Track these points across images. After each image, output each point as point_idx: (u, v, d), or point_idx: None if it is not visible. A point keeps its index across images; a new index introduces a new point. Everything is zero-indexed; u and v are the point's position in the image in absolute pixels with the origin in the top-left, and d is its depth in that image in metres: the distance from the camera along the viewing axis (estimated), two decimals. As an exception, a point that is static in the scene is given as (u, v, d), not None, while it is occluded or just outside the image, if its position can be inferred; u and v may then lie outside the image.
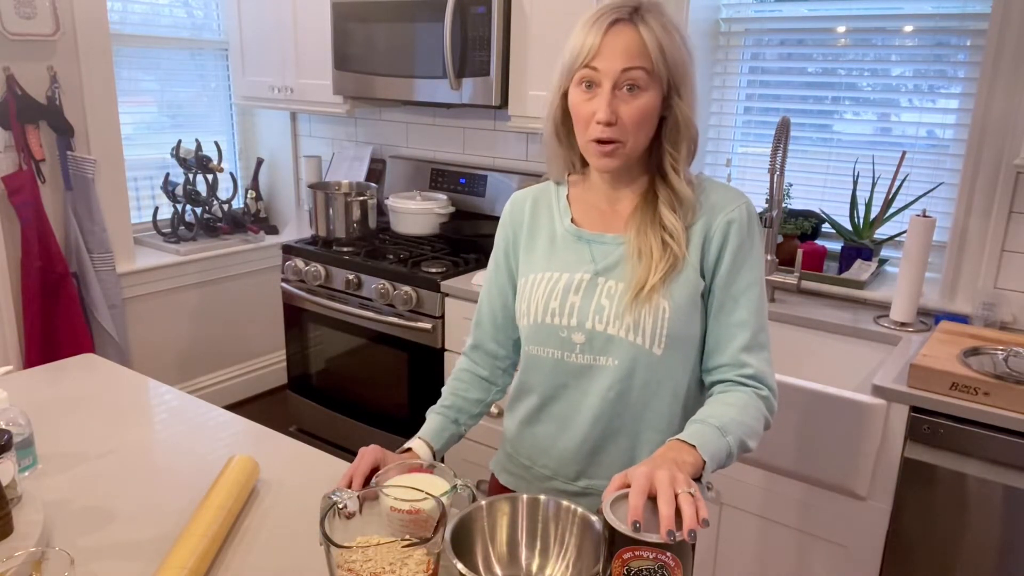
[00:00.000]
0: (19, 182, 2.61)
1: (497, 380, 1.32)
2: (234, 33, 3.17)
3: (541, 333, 1.15)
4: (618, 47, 1.04)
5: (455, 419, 1.27)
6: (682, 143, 1.10)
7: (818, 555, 1.80)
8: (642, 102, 1.05)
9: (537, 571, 0.96)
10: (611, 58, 1.04)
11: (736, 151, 2.51)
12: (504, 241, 1.26)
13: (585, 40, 1.06)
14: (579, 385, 1.15)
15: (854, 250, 2.22)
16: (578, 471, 1.19)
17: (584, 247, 1.16)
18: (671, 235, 1.09)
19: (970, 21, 2.04)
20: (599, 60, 1.05)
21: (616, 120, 1.05)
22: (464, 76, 2.43)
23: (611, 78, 1.04)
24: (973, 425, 1.57)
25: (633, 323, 1.09)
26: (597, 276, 1.13)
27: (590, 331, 1.12)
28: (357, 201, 2.79)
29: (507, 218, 1.26)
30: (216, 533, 1.03)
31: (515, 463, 1.27)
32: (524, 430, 1.24)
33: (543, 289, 1.15)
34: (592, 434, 1.16)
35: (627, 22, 1.05)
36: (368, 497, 0.95)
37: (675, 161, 1.11)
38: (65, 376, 1.64)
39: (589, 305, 1.12)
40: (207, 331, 3.36)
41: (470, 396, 1.30)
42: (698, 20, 2.34)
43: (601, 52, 1.04)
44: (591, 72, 1.06)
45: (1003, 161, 1.90)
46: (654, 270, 1.08)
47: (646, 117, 1.06)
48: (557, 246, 1.18)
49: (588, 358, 1.13)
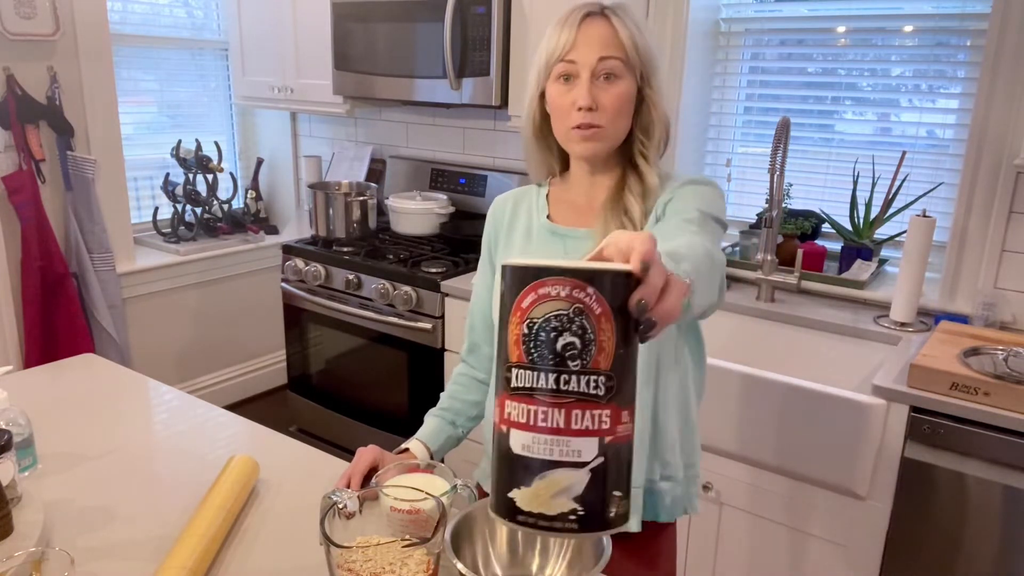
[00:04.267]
0: (19, 182, 2.61)
1: None
2: (234, 33, 3.17)
3: None
4: (593, 38, 1.08)
5: (452, 421, 1.28)
6: (654, 131, 1.13)
7: (818, 555, 1.80)
8: (620, 89, 1.08)
9: (537, 571, 0.96)
10: (587, 49, 1.07)
11: (736, 151, 2.51)
12: (488, 242, 1.28)
13: (560, 37, 1.09)
14: None
15: (854, 250, 2.22)
16: None
17: (558, 242, 1.18)
18: (631, 220, 1.11)
19: (970, 21, 2.04)
20: (575, 52, 1.08)
21: (596, 106, 1.08)
22: (464, 76, 2.43)
23: (589, 67, 1.07)
24: (973, 425, 1.57)
25: None
26: None
27: None
28: (357, 201, 2.79)
29: (490, 219, 1.29)
30: (216, 533, 1.03)
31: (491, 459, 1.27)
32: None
33: None
34: None
35: (599, 15, 1.09)
36: (368, 497, 0.95)
37: (645, 148, 1.14)
38: (65, 376, 1.64)
39: None
40: (207, 331, 3.36)
41: (468, 398, 1.30)
42: (698, 20, 2.34)
43: (576, 45, 1.08)
44: (568, 65, 1.09)
45: (1003, 161, 1.90)
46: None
47: (624, 103, 1.09)
48: (532, 241, 1.20)
49: None
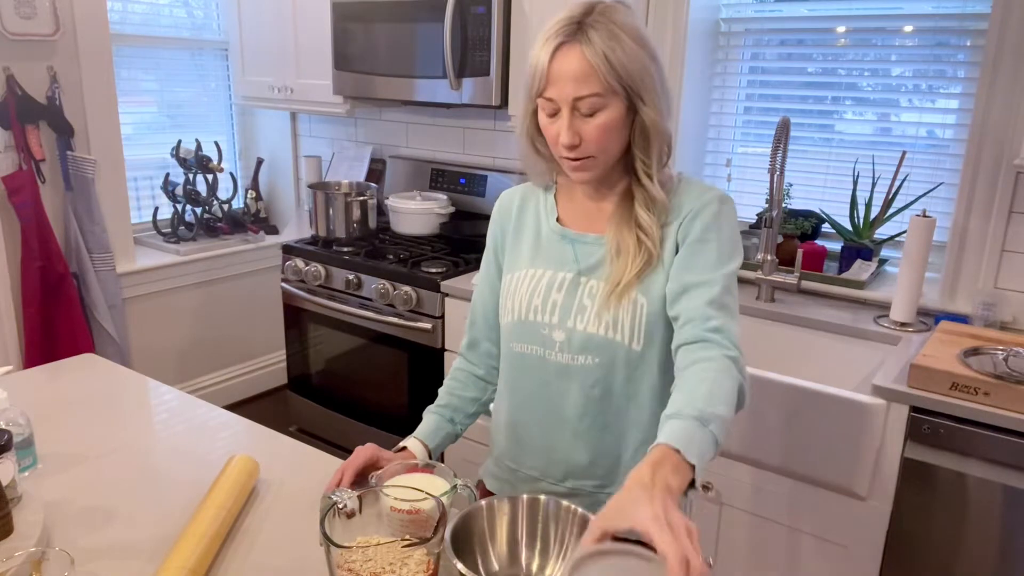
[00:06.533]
0: (19, 182, 2.61)
1: (493, 379, 1.31)
2: (234, 33, 3.17)
3: (524, 330, 1.16)
4: (565, 75, 1.03)
5: (451, 418, 1.27)
6: (652, 148, 1.09)
7: (818, 555, 1.80)
8: (602, 120, 1.05)
9: (537, 571, 0.96)
10: (561, 87, 1.04)
11: (736, 151, 2.51)
12: (493, 239, 1.27)
13: (537, 65, 1.05)
14: (560, 384, 1.15)
15: (854, 250, 2.22)
16: (565, 472, 1.18)
17: (568, 246, 1.17)
18: (646, 233, 1.10)
19: (970, 21, 2.04)
20: (551, 89, 1.05)
21: (579, 141, 1.06)
22: (464, 76, 2.43)
23: (567, 105, 1.04)
24: (973, 425, 1.57)
25: (612, 320, 1.10)
26: (580, 275, 1.14)
27: (570, 329, 1.12)
28: (357, 201, 2.79)
29: (496, 216, 1.27)
30: (216, 533, 1.03)
31: (501, 467, 1.27)
32: (509, 431, 1.24)
33: (527, 286, 1.16)
34: (577, 433, 1.16)
35: (571, 43, 1.03)
36: (367, 496, 0.95)
37: (646, 167, 1.10)
38: (65, 376, 1.64)
39: (571, 304, 1.13)
40: (207, 331, 3.36)
41: (466, 395, 1.30)
42: (698, 20, 2.34)
43: (551, 81, 1.04)
44: (547, 102, 1.06)
45: (1003, 161, 1.90)
46: (630, 266, 1.09)
47: (609, 132, 1.06)
48: (542, 244, 1.19)
49: (567, 357, 1.13)
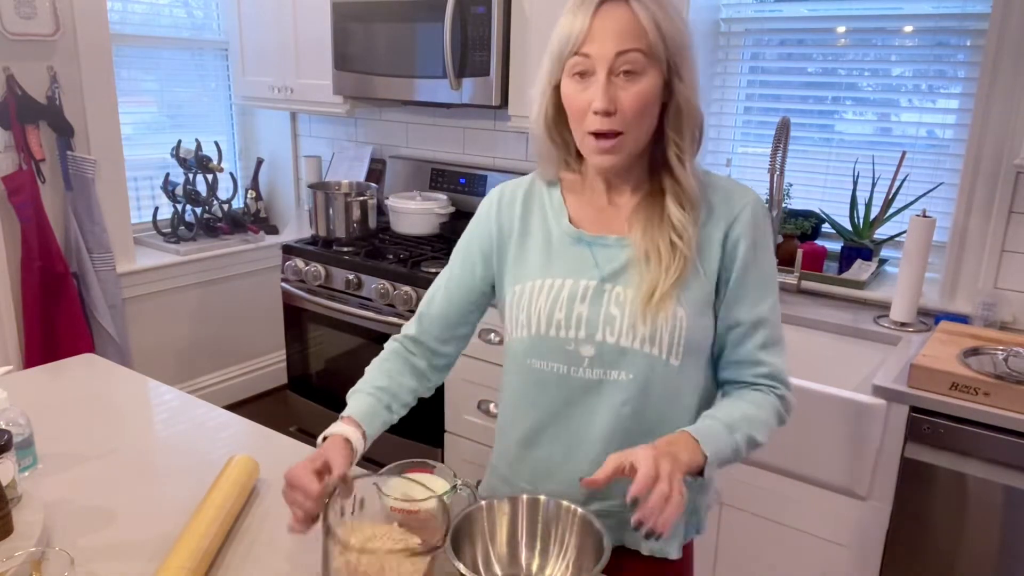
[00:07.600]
0: (19, 182, 2.61)
1: (431, 377, 1.19)
2: (234, 33, 3.17)
3: (544, 346, 1.05)
4: (610, 28, 0.94)
5: (388, 405, 1.12)
6: (686, 130, 1.00)
7: (818, 555, 1.80)
8: (642, 87, 0.95)
9: (537, 571, 0.96)
10: (603, 41, 0.94)
11: (736, 151, 2.51)
12: (486, 239, 1.15)
13: (573, 24, 0.95)
14: (587, 402, 1.05)
15: (854, 250, 2.22)
16: (589, 494, 1.05)
17: (585, 250, 1.06)
18: (679, 235, 1.00)
19: (970, 21, 2.04)
20: (590, 45, 0.95)
21: (615, 109, 0.95)
22: (464, 76, 2.43)
23: (605, 63, 0.94)
24: (973, 425, 1.57)
25: (649, 334, 1.00)
26: (604, 283, 1.03)
27: (600, 343, 1.02)
28: (357, 201, 2.79)
29: (492, 213, 1.14)
30: (216, 533, 1.03)
31: (513, 487, 1.14)
32: (523, 452, 1.12)
33: (545, 298, 1.04)
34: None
35: (618, 2, 0.95)
36: (367, 496, 0.95)
37: (680, 151, 1.00)
38: (65, 376, 1.64)
39: (598, 315, 1.02)
40: (207, 331, 3.36)
41: (404, 382, 1.15)
42: (698, 20, 2.34)
43: (592, 36, 0.94)
44: (583, 60, 0.96)
45: (1003, 161, 1.90)
46: (665, 275, 0.99)
47: (647, 103, 0.96)
48: (554, 249, 1.07)
49: (598, 372, 1.03)
